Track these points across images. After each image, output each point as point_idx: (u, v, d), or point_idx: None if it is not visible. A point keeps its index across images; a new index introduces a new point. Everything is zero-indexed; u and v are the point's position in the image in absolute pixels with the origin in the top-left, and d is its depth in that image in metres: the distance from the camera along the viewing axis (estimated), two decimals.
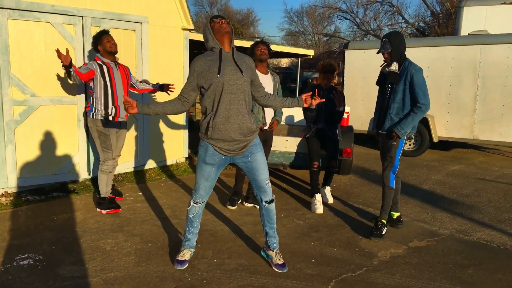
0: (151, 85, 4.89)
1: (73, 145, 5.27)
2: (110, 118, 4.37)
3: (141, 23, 5.73)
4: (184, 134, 6.62)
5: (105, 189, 4.48)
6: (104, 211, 4.44)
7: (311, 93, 3.40)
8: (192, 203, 3.29)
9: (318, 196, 4.81)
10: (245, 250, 3.69)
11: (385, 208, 4.13)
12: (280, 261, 3.37)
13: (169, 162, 6.50)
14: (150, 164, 6.21)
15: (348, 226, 4.37)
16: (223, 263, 3.43)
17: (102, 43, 4.33)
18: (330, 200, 5.05)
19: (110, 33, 4.41)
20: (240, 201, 4.89)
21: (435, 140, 8.12)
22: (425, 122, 8.15)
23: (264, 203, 3.31)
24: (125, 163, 5.81)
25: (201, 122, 3.15)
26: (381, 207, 4.17)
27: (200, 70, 3.03)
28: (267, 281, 3.16)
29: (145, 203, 4.85)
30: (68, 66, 4.15)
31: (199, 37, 7.47)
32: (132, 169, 5.98)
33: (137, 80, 4.82)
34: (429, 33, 25.21)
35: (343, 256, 3.63)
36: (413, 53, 8.28)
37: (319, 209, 4.73)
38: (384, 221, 4.13)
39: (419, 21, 27.52)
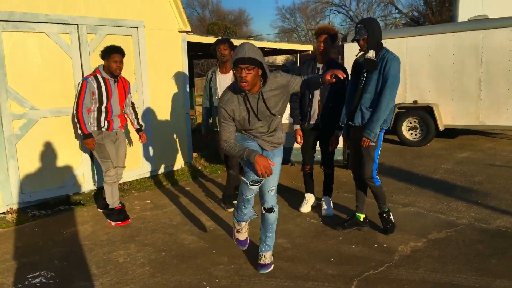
0: (136, 121, 4.66)
1: (76, 157, 5.16)
2: (103, 129, 4.28)
3: (137, 27, 5.62)
4: (187, 139, 6.51)
5: (111, 200, 4.38)
6: (113, 223, 4.33)
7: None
8: (246, 186, 3.01)
9: (307, 196, 4.68)
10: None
11: (381, 201, 3.92)
12: (264, 261, 3.28)
13: (174, 168, 6.39)
14: (156, 171, 6.10)
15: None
16: (240, 268, 3.32)
17: (109, 61, 4.17)
18: (329, 212, 4.50)
19: (123, 52, 4.22)
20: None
21: (441, 128, 8.01)
22: (429, 111, 8.04)
23: (262, 209, 3.23)
24: (130, 171, 5.70)
25: None
26: (377, 202, 3.96)
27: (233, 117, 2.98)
28: (287, 285, 3.05)
29: (154, 211, 4.74)
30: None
31: (196, 39, 7.37)
32: (137, 177, 5.87)
33: (131, 101, 4.62)
34: (423, 22, 25.13)
35: (362, 253, 3.53)
36: (413, 42, 8.18)
37: (303, 207, 4.62)
38: (386, 209, 3.95)
39: (412, 11, 27.43)
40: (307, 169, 4.62)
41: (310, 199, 4.71)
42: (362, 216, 4.04)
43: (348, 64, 9.13)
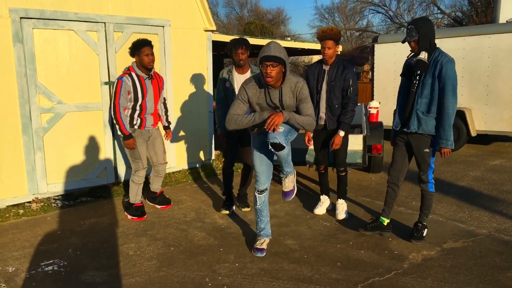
0: (165, 118, 4.69)
1: (100, 150, 5.34)
2: (136, 127, 4.28)
3: (163, 26, 5.74)
4: (209, 137, 6.59)
5: (134, 198, 4.46)
6: (129, 217, 4.45)
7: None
8: (255, 194, 3.52)
9: (322, 198, 4.64)
10: (267, 254, 3.59)
11: (425, 211, 3.84)
12: (287, 187, 3.48)
13: (195, 165, 6.49)
14: (176, 167, 6.21)
15: None
16: (244, 267, 3.34)
17: (140, 56, 4.10)
18: (341, 216, 4.41)
19: (151, 44, 4.16)
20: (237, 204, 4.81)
21: (473, 134, 7.71)
22: (462, 116, 7.75)
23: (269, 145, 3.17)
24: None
25: None
26: (420, 209, 3.87)
27: None
28: (289, 286, 3.04)
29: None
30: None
31: (222, 37, 7.43)
32: None
33: (164, 98, 4.65)
34: (467, 23, 24.18)
35: (371, 259, 3.46)
36: (446, 44, 7.90)
37: (317, 209, 4.57)
38: (425, 223, 3.87)
39: (456, 11, 26.44)
40: (321, 168, 4.60)
41: (325, 201, 4.67)
42: (386, 221, 3.94)
43: (379, 65, 8.96)
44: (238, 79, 4.45)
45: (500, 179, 5.89)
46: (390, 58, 8.74)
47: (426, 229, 3.86)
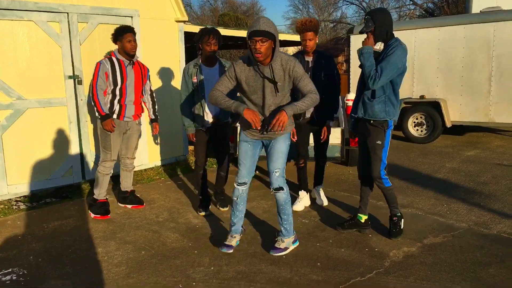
0: (152, 111, 4.52)
1: (65, 148, 5.04)
2: (114, 116, 4.13)
3: (131, 17, 5.45)
4: (183, 130, 6.35)
5: (98, 191, 4.26)
6: (92, 215, 4.23)
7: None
8: (235, 185, 3.38)
9: (301, 193, 4.53)
10: (244, 255, 3.42)
11: (392, 204, 3.71)
12: (278, 245, 3.42)
13: (168, 161, 6.25)
14: (149, 164, 5.96)
15: None
16: (220, 271, 3.16)
17: (123, 41, 4.03)
18: (325, 202, 4.58)
19: (134, 31, 4.09)
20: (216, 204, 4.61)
21: (448, 125, 7.73)
22: (437, 107, 7.75)
23: (271, 190, 3.36)
24: None
25: None
26: (388, 205, 3.74)
27: None
28: None
29: None
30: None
31: (195, 29, 7.16)
32: None
33: (150, 89, 4.46)
34: (438, 14, 24.48)
35: (351, 258, 3.34)
36: (421, 35, 7.86)
37: (296, 205, 4.44)
38: (399, 214, 3.74)
39: (427, 2, 26.75)
40: (301, 162, 4.48)
41: (304, 197, 4.54)
42: (364, 218, 3.83)
43: (355, 56, 8.86)
44: (208, 72, 4.13)
45: (476, 170, 5.89)
46: None
47: (402, 219, 3.74)
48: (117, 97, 4.12)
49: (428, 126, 7.94)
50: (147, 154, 5.90)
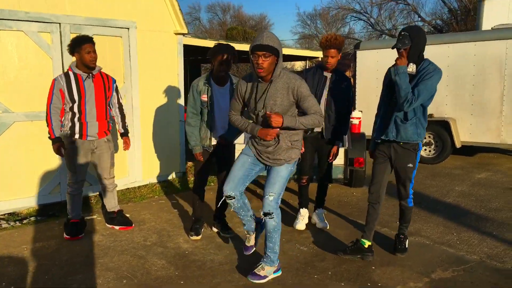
0: (121, 124, 4.21)
1: (53, 164, 4.81)
2: (76, 136, 3.86)
3: (128, 28, 5.26)
4: (180, 147, 6.11)
5: (70, 212, 4.03)
6: (65, 235, 4.01)
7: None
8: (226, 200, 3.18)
9: (302, 211, 4.38)
10: (235, 286, 3.13)
11: (405, 224, 3.74)
12: (258, 271, 3.20)
13: (164, 178, 6.00)
14: (142, 181, 5.71)
15: None
16: None
17: (81, 53, 3.73)
18: (327, 226, 4.32)
19: (93, 41, 3.80)
20: (206, 227, 4.32)
21: (458, 145, 7.40)
22: (446, 126, 7.45)
23: (261, 214, 3.12)
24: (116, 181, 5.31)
25: None
26: (400, 222, 3.77)
27: None
28: None
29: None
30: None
31: (194, 41, 6.98)
32: (123, 187, 5.49)
33: (118, 101, 4.15)
34: (447, 31, 24.26)
35: None
36: (431, 51, 7.59)
37: (298, 224, 4.30)
38: (406, 234, 3.77)
39: (436, 19, 26.57)
40: (304, 180, 4.30)
41: (305, 215, 4.38)
42: (367, 243, 3.58)
43: (361, 73, 8.62)
44: (219, 93, 3.84)
45: (487, 194, 5.56)
46: (373, 65, 8.41)
47: (407, 240, 3.76)
48: (77, 115, 3.82)
49: (436, 146, 7.62)
50: (141, 171, 5.65)
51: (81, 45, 3.71)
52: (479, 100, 7.29)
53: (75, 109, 3.81)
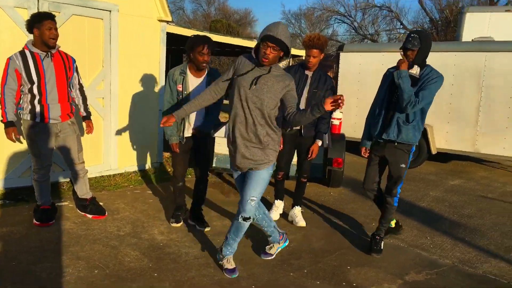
0: (83, 107, 4.01)
1: (24, 146, 4.60)
2: (37, 119, 3.66)
3: (110, 11, 5.09)
4: (158, 136, 5.98)
5: (39, 199, 3.89)
6: (35, 221, 3.87)
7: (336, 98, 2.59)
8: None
9: (277, 203, 4.48)
10: (209, 282, 3.07)
11: (385, 224, 3.84)
12: (230, 265, 3.20)
13: (140, 167, 5.86)
14: (118, 169, 5.56)
15: (335, 251, 3.76)
16: None
17: (41, 29, 3.47)
18: (302, 223, 4.31)
19: (54, 19, 3.56)
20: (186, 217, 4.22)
21: (433, 152, 7.54)
22: (423, 132, 7.56)
23: (239, 217, 3.04)
24: (89, 168, 5.14)
25: None
26: (380, 221, 3.84)
27: None
28: None
29: None
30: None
31: (178, 30, 6.84)
32: (97, 174, 5.33)
33: (79, 82, 3.94)
34: None
35: None
36: None
37: (272, 214, 4.38)
38: (383, 235, 3.82)
39: (417, 28, 27.09)
40: (280, 176, 4.34)
41: (280, 206, 4.46)
42: (393, 222, 4.10)
43: (343, 75, 8.66)
44: (193, 82, 3.78)
45: (460, 201, 5.67)
46: (355, 68, 8.46)
47: (383, 241, 3.83)
48: (37, 97, 3.60)
49: None
50: (116, 159, 5.50)
51: (42, 20, 3.48)
52: (456, 109, 7.44)
53: (35, 91, 3.59)
